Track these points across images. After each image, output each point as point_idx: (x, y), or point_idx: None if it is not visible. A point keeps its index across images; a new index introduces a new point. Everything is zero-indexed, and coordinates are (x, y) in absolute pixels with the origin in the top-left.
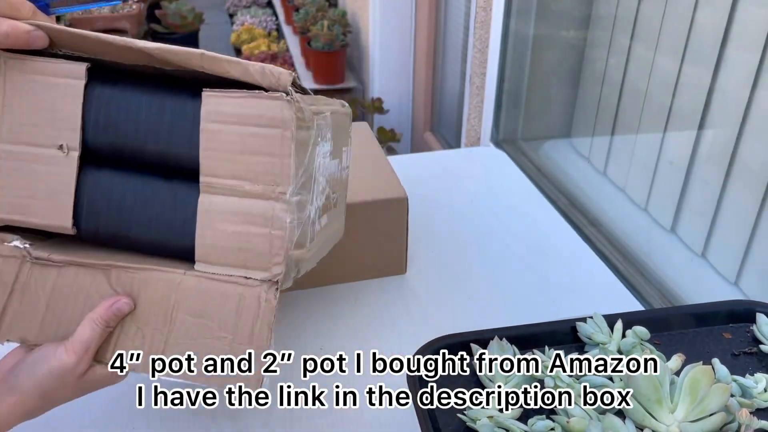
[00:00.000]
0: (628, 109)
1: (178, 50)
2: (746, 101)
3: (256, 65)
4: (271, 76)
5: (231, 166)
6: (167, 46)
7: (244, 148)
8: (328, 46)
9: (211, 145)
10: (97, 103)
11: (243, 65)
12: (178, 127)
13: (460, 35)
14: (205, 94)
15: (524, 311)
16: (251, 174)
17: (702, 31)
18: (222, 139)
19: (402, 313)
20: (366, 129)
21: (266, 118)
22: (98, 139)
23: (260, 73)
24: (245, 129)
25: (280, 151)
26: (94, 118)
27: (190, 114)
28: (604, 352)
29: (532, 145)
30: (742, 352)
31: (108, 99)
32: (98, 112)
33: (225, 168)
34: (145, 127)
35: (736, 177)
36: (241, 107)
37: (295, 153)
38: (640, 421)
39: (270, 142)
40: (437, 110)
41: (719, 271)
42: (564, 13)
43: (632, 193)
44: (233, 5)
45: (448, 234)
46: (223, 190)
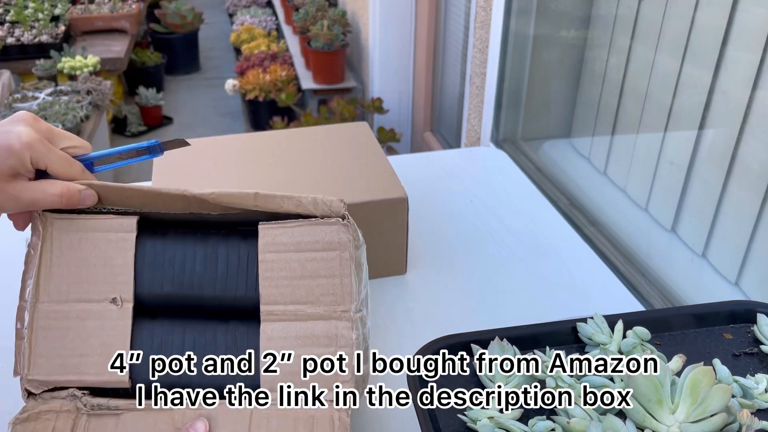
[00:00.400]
0: (628, 109)
1: (234, 193)
2: (746, 101)
3: (308, 197)
4: (323, 206)
5: (291, 292)
6: (221, 190)
7: (303, 273)
8: (327, 46)
9: (270, 274)
10: (151, 256)
11: (296, 198)
12: (233, 270)
13: (460, 35)
14: (261, 227)
15: (524, 311)
16: (312, 297)
17: (702, 31)
18: (280, 267)
19: (402, 313)
20: (366, 129)
21: (323, 242)
22: (153, 291)
23: (313, 204)
24: (303, 255)
25: (340, 271)
26: (148, 270)
27: (244, 255)
28: (605, 352)
29: (532, 145)
30: (742, 353)
31: (161, 251)
32: (152, 265)
33: (285, 294)
34: (201, 276)
35: (737, 177)
36: (298, 235)
37: (354, 272)
38: (641, 421)
39: (329, 265)
40: (437, 110)
41: (720, 271)
42: (564, 13)
43: (632, 193)
44: (233, 5)
45: (448, 234)
46: (284, 316)
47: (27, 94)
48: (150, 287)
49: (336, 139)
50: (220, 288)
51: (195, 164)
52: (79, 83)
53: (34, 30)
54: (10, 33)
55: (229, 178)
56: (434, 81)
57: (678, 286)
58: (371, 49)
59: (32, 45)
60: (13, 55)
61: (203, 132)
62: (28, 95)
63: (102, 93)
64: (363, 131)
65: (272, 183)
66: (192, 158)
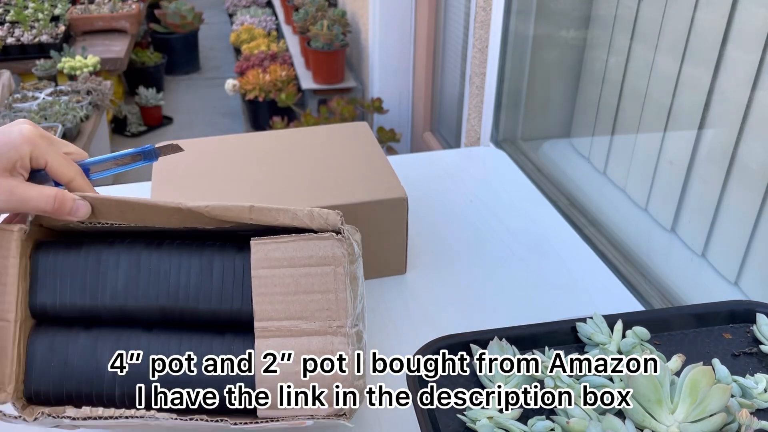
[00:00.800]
0: (628, 109)
1: (229, 206)
2: (746, 101)
3: (304, 210)
4: (320, 219)
5: (285, 308)
6: (217, 203)
7: (297, 289)
8: (327, 46)
9: (263, 290)
10: (146, 268)
11: (291, 212)
12: (228, 282)
13: (460, 35)
14: (253, 243)
15: (524, 311)
16: (306, 312)
17: (702, 31)
18: (274, 283)
19: (402, 313)
20: (366, 129)
21: (317, 257)
22: (149, 303)
23: (309, 217)
24: (296, 270)
25: (335, 286)
26: (143, 282)
27: (239, 267)
28: (604, 352)
29: (532, 145)
30: (742, 353)
31: (156, 263)
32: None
33: (279, 310)
34: (196, 288)
35: (736, 177)
36: (292, 250)
37: (349, 286)
38: (640, 421)
39: (323, 280)
40: (437, 110)
41: (719, 271)
42: (564, 13)
43: (632, 193)
44: (233, 5)
45: (448, 234)
46: (278, 332)
47: (27, 94)
48: (145, 300)
49: (336, 139)
50: (216, 301)
51: (195, 164)
52: (79, 83)
53: (34, 30)
54: (10, 33)
55: (229, 178)
56: (434, 81)
57: (677, 286)
58: (371, 49)
59: (32, 45)
60: (13, 55)
61: (203, 132)
62: (28, 95)
63: (102, 93)
64: (363, 131)
65: (272, 183)
66: (192, 158)
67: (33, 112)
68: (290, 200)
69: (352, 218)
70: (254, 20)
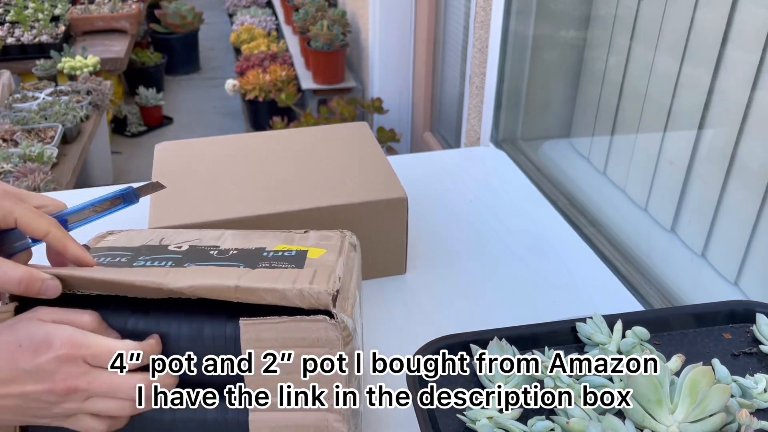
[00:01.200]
0: (627, 109)
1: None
2: (746, 101)
3: (293, 290)
4: (310, 298)
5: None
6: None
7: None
8: (327, 46)
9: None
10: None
11: (279, 292)
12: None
13: (460, 35)
14: (242, 323)
15: (524, 311)
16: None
17: (702, 31)
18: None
19: (402, 313)
20: (366, 129)
21: (310, 339)
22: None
23: (299, 297)
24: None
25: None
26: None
27: (231, 336)
28: (604, 352)
29: (532, 145)
30: (742, 353)
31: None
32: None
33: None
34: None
35: (736, 177)
36: (284, 331)
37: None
38: (640, 421)
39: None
40: (437, 110)
41: (719, 271)
42: (564, 13)
43: (632, 193)
44: (233, 5)
45: (448, 234)
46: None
47: (27, 94)
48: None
49: (336, 139)
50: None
51: (195, 164)
52: (79, 83)
53: (34, 30)
54: (10, 33)
55: (229, 178)
56: (434, 81)
57: (677, 285)
58: (371, 49)
59: (32, 45)
60: (13, 55)
61: (203, 132)
62: (28, 95)
63: (102, 93)
64: (363, 131)
65: (272, 183)
66: (192, 158)
67: (33, 112)
68: (290, 200)
69: (352, 218)
70: (254, 20)
